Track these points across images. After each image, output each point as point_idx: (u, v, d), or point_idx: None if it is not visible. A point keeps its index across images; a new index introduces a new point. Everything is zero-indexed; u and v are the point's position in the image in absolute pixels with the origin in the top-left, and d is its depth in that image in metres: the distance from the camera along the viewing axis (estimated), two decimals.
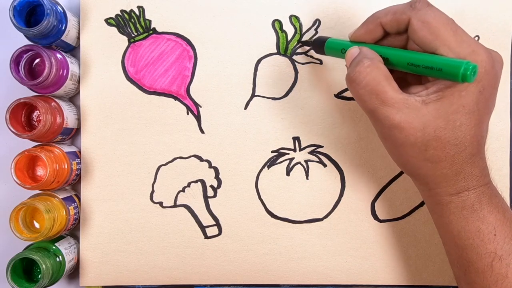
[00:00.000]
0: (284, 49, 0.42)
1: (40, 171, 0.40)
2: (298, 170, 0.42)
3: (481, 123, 0.30)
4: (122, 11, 0.42)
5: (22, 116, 0.39)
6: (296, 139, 0.42)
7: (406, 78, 0.34)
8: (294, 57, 0.42)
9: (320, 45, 0.38)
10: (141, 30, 0.42)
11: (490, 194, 0.32)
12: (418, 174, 0.33)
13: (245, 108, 0.42)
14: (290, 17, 0.42)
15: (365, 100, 0.31)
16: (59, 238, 0.40)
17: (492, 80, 0.30)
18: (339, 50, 0.35)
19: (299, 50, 0.42)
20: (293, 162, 0.42)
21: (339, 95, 0.42)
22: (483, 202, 0.32)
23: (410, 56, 0.30)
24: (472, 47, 0.29)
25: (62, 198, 0.39)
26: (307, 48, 0.42)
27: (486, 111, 0.30)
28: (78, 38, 0.42)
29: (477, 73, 0.28)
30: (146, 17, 0.42)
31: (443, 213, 0.33)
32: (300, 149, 0.42)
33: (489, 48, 0.31)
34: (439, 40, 0.29)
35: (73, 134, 0.42)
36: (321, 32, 0.42)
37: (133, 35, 0.42)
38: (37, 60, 0.39)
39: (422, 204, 0.42)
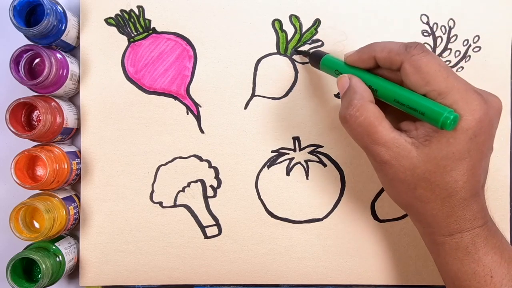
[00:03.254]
0: (284, 49, 0.42)
1: (40, 171, 0.40)
2: (298, 170, 0.42)
3: (474, 168, 0.30)
4: (122, 11, 0.42)
5: (22, 116, 0.39)
6: (296, 139, 0.42)
7: (401, 111, 0.33)
8: (294, 57, 0.42)
9: (316, 59, 0.38)
10: (140, 30, 0.42)
11: (485, 236, 0.32)
12: (410, 210, 0.34)
13: (245, 108, 0.42)
14: (290, 16, 0.42)
15: (357, 138, 0.32)
16: (59, 238, 0.40)
17: (485, 127, 0.29)
18: (333, 69, 0.36)
19: (299, 50, 0.42)
20: (293, 162, 0.42)
21: (339, 95, 0.42)
22: (478, 244, 0.31)
23: (397, 93, 0.31)
24: (461, 94, 0.29)
25: (62, 198, 0.39)
26: (307, 48, 0.42)
27: (479, 156, 0.30)
28: (78, 38, 0.41)
29: (457, 122, 0.28)
30: (146, 17, 0.42)
31: (439, 253, 0.33)
32: (300, 149, 0.42)
33: (486, 93, 0.31)
34: (429, 86, 0.29)
35: (73, 134, 0.42)
36: (321, 32, 0.42)
37: (132, 35, 0.42)
38: (37, 60, 0.39)
39: None
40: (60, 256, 0.39)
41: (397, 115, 0.33)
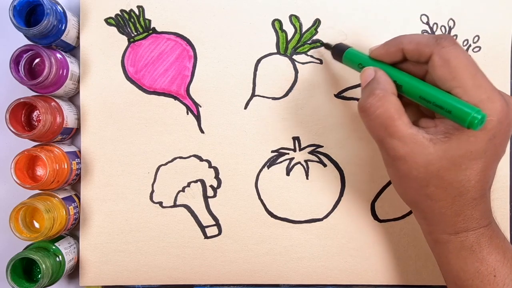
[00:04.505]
0: (284, 49, 0.42)
1: (40, 171, 0.40)
2: (298, 170, 0.42)
3: (487, 169, 0.30)
4: (122, 10, 0.42)
5: (22, 116, 0.39)
6: (296, 139, 0.42)
7: (420, 107, 0.33)
8: (294, 56, 0.42)
9: (339, 52, 0.38)
10: (140, 30, 0.42)
11: (490, 235, 0.32)
12: (417, 208, 0.33)
13: (245, 108, 0.42)
14: (290, 16, 0.42)
15: (374, 130, 0.31)
16: (59, 238, 0.40)
17: (504, 129, 0.29)
18: (357, 63, 0.35)
19: (299, 50, 0.42)
20: (293, 162, 0.42)
21: (339, 95, 0.42)
22: (482, 243, 0.31)
23: (423, 90, 0.30)
24: (488, 94, 0.28)
25: (62, 198, 0.39)
26: (307, 47, 0.42)
27: (494, 157, 0.30)
28: (78, 38, 0.41)
29: (484, 122, 0.28)
30: (146, 17, 0.42)
31: (442, 252, 0.33)
32: (300, 149, 0.42)
33: (506, 95, 0.30)
34: (456, 81, 0.29)
35: (73, 134, 0.42)
36: (321, 32, 0.42)
37: (132, 35, 0.42)
38: (37, 60, 0.39)
39: None
40: (60, 256, 0.39)
41: (415, 112, 0.33)
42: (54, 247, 0.39)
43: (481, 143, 0.29)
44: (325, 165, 0.42)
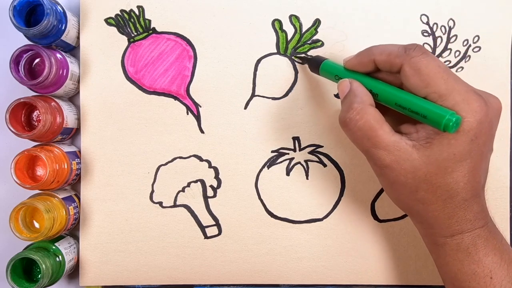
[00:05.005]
0: (284, 49, 0.42)
1: (40, 171, 0.40)
2: (298, 170, 0.42)
3: (475, 169, 0.30)
4: (122, 11, 0.42)
5: (22, 116, 0.39)
6: (296, 139, 0.42)
7: (400, 113, 0.34)
8: (294, 57, 0.42)
9: (315, 65, 0.38)
10: (140, 30, 0.42)
11: (486, 236, 0.32)
12: (411, 213, 0.34)
13: (245, 108, 0.42)
14: (290, 16, 0.42)
15: (358, 142, 0.32)
16: (59, 238, 0.40)
17: (486, 128, 0.29)
18: (333, 75, 0.36)
19: (299, 50, 0.42)
20: (293, 162, 0.42)
21: (339, 95, 0.42)
22: (478, 245, 0.31)
23: (398, 96, 0.31)
24: (462, 96, 0.29)
25: (62, 198, 0.39)
26: (307, 47, 0.42)
27: (480, 157, 0.30)
28: (78, 38, 0.42)
29: (460, 124, 0.28)
30: (146, 17, 0.42)
31: (440, 254, 0.33)
32: (300, 149, 0.42)
33: (486, 94, 0.31)
34: (430, 88, 0.29)
35: (73, 134, 0.42)
36: (321, 32, 0.42)
37: (132, 35, 0.42)
38: (37, 60, 0.39)
39: None
40: (60, 256, 0.39)
41: (397, 118, 0.33)
42: (54, 247, 0.39)
43: (463, 145, 0.29)
44: (325, 165, 0.42)
